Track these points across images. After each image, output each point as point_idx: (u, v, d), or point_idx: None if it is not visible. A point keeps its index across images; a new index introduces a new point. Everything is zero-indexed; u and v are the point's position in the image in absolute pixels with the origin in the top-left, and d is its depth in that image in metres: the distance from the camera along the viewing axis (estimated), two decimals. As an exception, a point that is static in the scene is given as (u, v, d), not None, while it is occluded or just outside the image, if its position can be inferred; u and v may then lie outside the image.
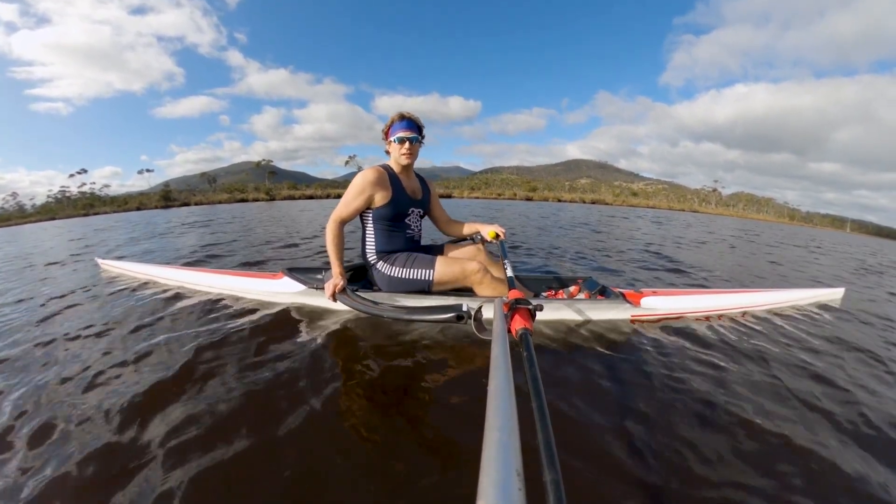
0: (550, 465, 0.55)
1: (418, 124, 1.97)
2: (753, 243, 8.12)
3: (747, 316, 2.37)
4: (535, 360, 0.83)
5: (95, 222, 13.44)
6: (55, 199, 46.21)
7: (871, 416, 1.39)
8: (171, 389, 1.41)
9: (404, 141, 1.92)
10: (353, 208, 1.92)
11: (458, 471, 1.04)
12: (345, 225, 1.96)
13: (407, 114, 1.95)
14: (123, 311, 2.26)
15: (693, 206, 68.46)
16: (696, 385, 1.53)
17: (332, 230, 1.91)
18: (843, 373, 1.73)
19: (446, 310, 1.37)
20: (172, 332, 1.90)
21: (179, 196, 37.92)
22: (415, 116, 1.96)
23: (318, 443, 1.15)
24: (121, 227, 9.75)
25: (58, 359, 1.68)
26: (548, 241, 5.92)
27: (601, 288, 2.24)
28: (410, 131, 1.93)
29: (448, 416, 1.27)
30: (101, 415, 1.27)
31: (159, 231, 7.65)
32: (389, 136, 1.95)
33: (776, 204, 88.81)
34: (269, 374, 1.50)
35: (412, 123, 1.94)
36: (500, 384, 0.67)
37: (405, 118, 1.94)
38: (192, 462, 1.06)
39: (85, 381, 1.47)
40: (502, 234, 2.21)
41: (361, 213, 2.00)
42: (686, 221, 16.07)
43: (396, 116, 1.94)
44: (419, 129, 1.98)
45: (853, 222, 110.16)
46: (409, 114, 1.95)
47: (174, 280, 2.73)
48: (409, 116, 1.95)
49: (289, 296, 2.25)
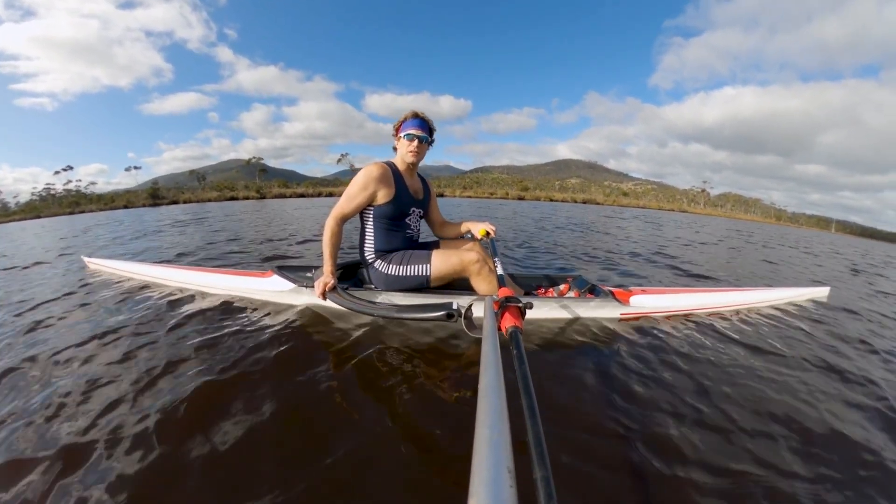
0: (540, 462, 0.55)
1: (430, 126, 1.97)
2: (751, 244, 8.29)
3: (735, 314, 2.41)
4: (524, 358, 0.84)
5: (82, 220, 13.18)
6: (40, 196, 45.23)
7: (868, 407, 1.43)
8: (160, 388, 1.38)
9: (414, 138, 1.91)
10: (355, 204, 1.90)
11: (449, 468, 1.04)
12: (345, 222, 1.94)
13: (421, 113, 1.95)
14: (109, 311, 2.21)
15: (682, 207, 69.39)
16: (684, 382, 1.55)
17: (332, 226, 1.88)
18: (833, 365, 1.77)
19: (437, 308, 1.37)
20: (159, 332, 1.86)
21: (168, 194, 37.40)
22: (428, 118, 1.96)
23: (305, 441, 1.14)
24: (108, 225, 9.56)
25: (43, 367, 1.65)
26: (551, 238, 6.01)
27: (591, 286, 2.26)
28: (421, 130, 1.92)
29: (438, 414, 1.27)
30: (89, 418, 1.25)
31: (152, 229, 7.52)
32: (400, 131, 1.95)
33: (763, 205, 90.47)
34: (258, 373, 1.48)
35: (424, 123, 1.94)
36: (490, 382, 0.67)
37: (418, 117, 1.94)
38: (176, 461, 1.05)
39: (67, 391, 1.44)
40: (492, 232, 2.21)
41: (362, 211, 1.99)
42: (679, 221, 16.32)
43: (410, 114, 1.94)
44: (430, 131, 1.98)
45: (838, 223, 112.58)
46: (422, 114, 1.95)
47: (162, 278, 2.68)
48: (422, 116, 1.95)
49: (278, 294, 2.23)
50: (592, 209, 24.61)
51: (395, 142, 2.00)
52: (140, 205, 30.43)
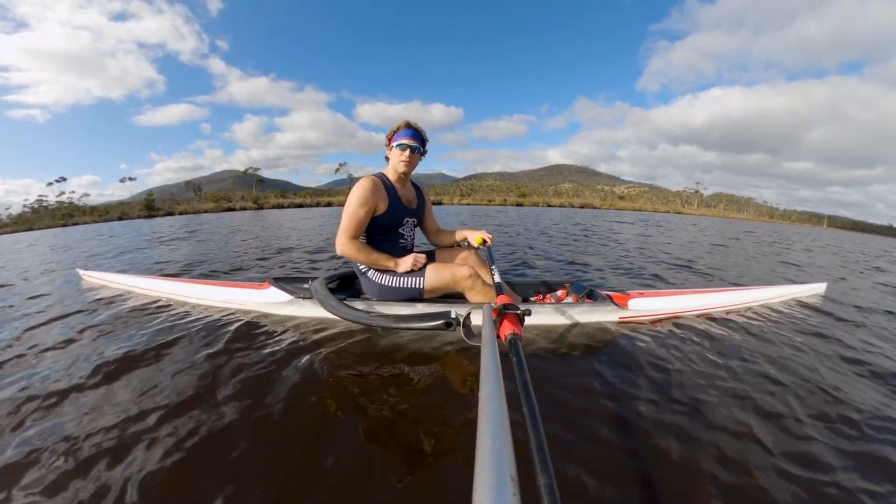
0: (544, 468, 0.55)
1: (423, 136, 1.97)
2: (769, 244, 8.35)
3: (734, 314, 2.43)
4: (525, 365, 0.84)
5: (76, 232, 13.07)
6: (32, 208, 44.82)
7: (870, 405, 1.44)
8: (159, 402, 1.37)
9: (406, 148, 1.91)
10: (358, 220, 1.87)
11: (453, 478, 1.04)
12: (358, 237, 1.91)
13: (414, 123, 1.94)
14: (103, 323, 2.20)
15: (677, 208, 69.85)
16: (685, 384, 1.55)
17: (351, 244, 1.87)
18: (831, 361, 1.78)
19: (435, 317, 1.37)
20: (154, 344, 1.85)
21: (163, 205, 37.17)
22: (421, 128, 1.96)
23: (302, 452, 1.13)
24: (104, 237, 9.49)
25: (41, 371, 1.63)
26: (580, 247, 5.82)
27: (588, 291, 2.27)
28: (414, 140, 1.91)
29: (439, 424, 1.27)
30: (84, 428, 1.24)
31: (157, 238, 7.47)
32: (393, 140, 1.94)
33: (755, 203, 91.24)
34: (255, 384, 1.48)
35: (417, 134, 1.94)
36: (491, 390, 0.67)
37: (411, 127, 1.93)
38: (177, 463, 1.04)
39: (70, 402, 1.43)
40: (489, 240, 2.22)
41: None
42: (680, 223, 16.30)
43: (403, 123, 1.94)
44: (423, 141, 1.97)
45: (830, 218, 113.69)
46: (415, 124, 1.95)
47: (158, 291, 2.67)
48: (415, 126, 1.94)
49: (275, 306, 2.22)
50: (593, 213, 24.55)
51: (388, 151, 1.99)
52: (135, 216, 30.22)
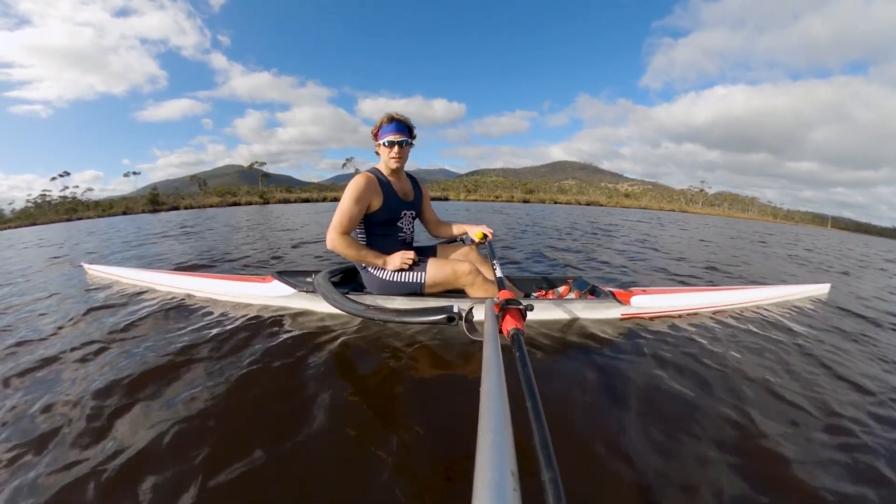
0: (548, 464, 0.55)
1: (408, 125, 1.92)
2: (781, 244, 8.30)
3: (735, 312, 2.41)
4: (527, 360, 0.83)
5: (80, 227, 13.12)
6: (35, 203, 44.93)
7: (872, 408, 1.43)
8: (162, 395, 1.38)
9: (393, 145, 1.86)
10: (351, 216, 1.85)
11: (453, 473, 1.04)
12: (349, 233, 1.90)
13: (396, 115, 1.89)
14: (110, 317, 2.20)
15: (681, 207, 69.57)
16: (687, 382, 1.55)
17: (341, 240, 1.85)
18: (832, 362, 1.77)
19: (437, 311, 1.37)
20: (161, 338, 1.86)
21: (168, 200, 37.25)
22: (404, 118, 1.90)
23: (311, 445, 1.13)
24: (110, 232, 9.53)
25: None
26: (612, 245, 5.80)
27: (591, 287, 2.26)
28: (400, 134, 1.87)
29: (441, 419, 1.27)
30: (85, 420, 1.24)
31: (157, 234, 7.50)
32: (378, 138, 1.90)
33: (759, 203, 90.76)
34: (261, 378, 1.48)
35: (401, 125, 1.88)
36: (492, 385, 0.67)
37: (394, 120, 1.88)
38: (190, 468, 1.04)
39: (75, 397, 1.43)
40: (490, 235, 2.21)
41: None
42: (692, 223, 16.18)
43: (385, 118, 1.88)
44: (409, 131, 1.92)
45: (833, 219, 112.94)
46: (397, 115, 1.89)
47: (163, 285, 2.68)
48: (397, 118, 1.88)
49: (279, 299, 2.23)
50: (602, 211, 24.35)
51: (376, 148, 1.94)
52: (139, 211, 30.29)
